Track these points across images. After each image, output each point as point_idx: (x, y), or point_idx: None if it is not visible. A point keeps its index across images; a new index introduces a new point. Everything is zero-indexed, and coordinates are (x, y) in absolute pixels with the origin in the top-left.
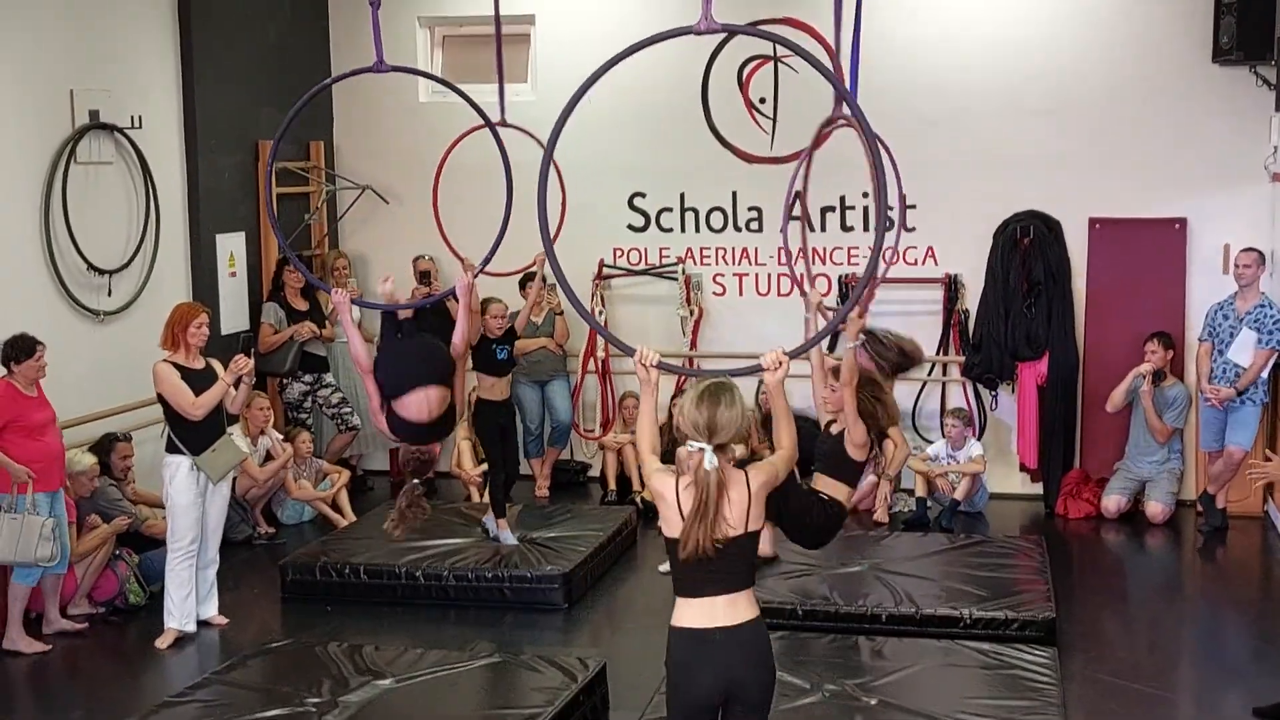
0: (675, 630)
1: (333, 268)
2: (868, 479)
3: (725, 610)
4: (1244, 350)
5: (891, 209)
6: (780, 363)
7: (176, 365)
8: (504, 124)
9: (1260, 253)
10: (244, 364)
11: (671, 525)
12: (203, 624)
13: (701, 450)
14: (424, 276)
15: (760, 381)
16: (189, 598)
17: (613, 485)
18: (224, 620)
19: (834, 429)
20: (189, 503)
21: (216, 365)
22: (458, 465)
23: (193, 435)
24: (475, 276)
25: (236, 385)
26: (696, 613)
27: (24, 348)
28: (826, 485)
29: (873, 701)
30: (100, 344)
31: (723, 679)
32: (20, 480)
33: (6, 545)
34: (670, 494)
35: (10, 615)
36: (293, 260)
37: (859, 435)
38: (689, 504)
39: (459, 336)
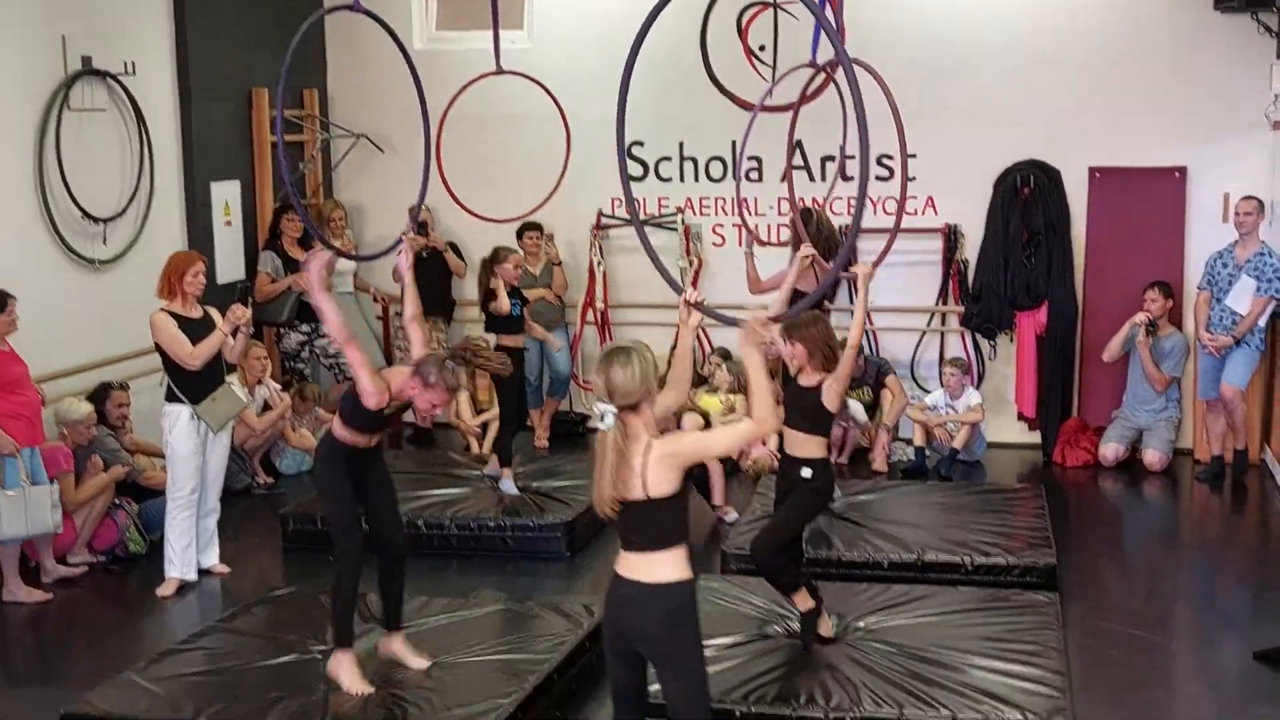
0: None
1: (329, 219)
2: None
3: (633, 564)
4: (1242, 297)
5: (890, 158)
6: (757, 330)
7: (174, 314)
8: (501, 71)
9: (1260, 201)
10: (241, 313)
11: None
12: (204, 573)
13: (604, 413)
14: (421, 227)
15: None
16: (190, 547)
17: None
18: (225, 569)
19: (803, 381)
20: (189, 452)
21: (215, 314)
22: (456, 416)
23: (192, 385)
24: (412, 245)
25: (234, 335)
26: (620, 560)
27: None
28: (802, 445)
29: (877, 647)
30: (96, 292)
31: (618, 627)
32: (7, 451)
33: (17, 522)
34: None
35: (5, 570)
36: (296, 207)
37: (840, 393)
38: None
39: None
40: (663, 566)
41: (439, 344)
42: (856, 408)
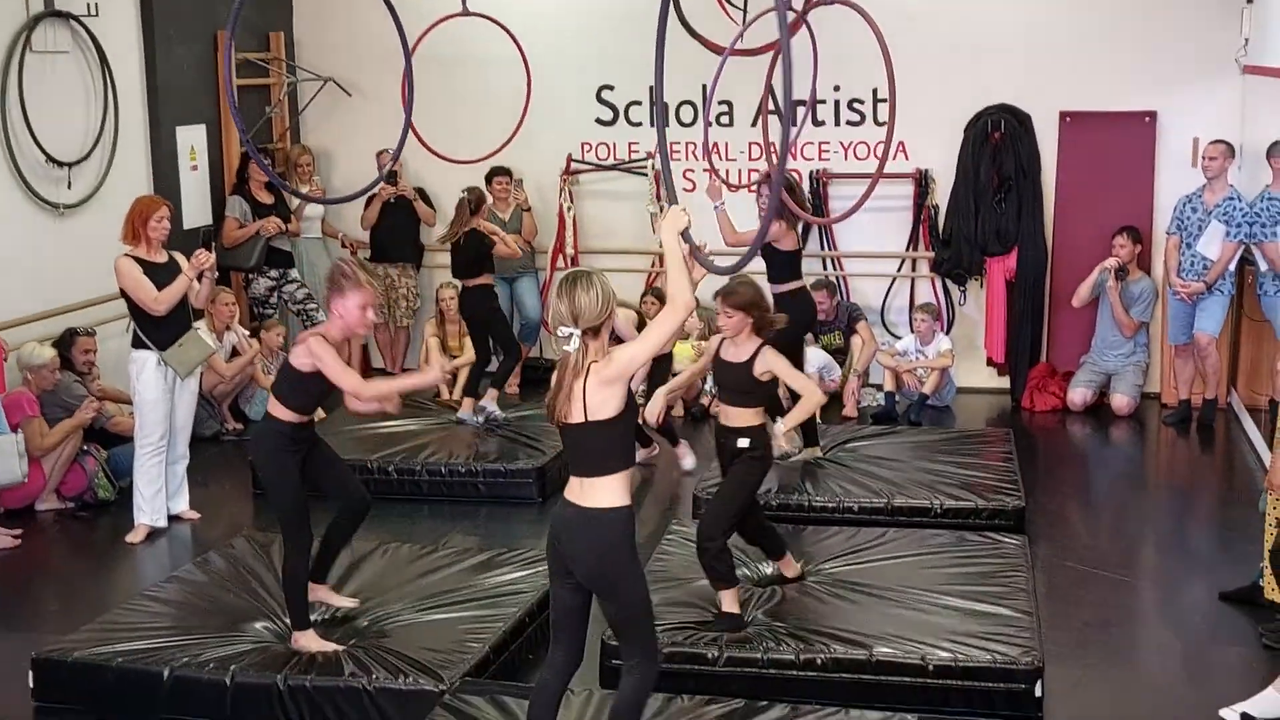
0: None
1: (296, 163)
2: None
3: (574, 488)
4: (1212, 243)
5: (861, 102)
6: (677, 214)
7: (138, 260)
8: (467, 13)
9: (1228, 144)
10: (205, 258)
11: None
12: (174, 519)
13: (569, 335)
14: (391, 176)
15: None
16: (159, 494)
17: None
18: (195, 515)
19: (730, 356)
20: (156, 398)
21: (180, 259)
22: (425, 362)
23: (158, 331)
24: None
25: (199, 280)
26: (568, 483)
27: None
28: (737, 417)
29: (846, 590)
30: (61, 237)
31: (555, 549)
32: None
33: None
34: None
35: None
36: (255, 158)
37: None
38: None
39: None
40: (600, 492)
41: (409, 290)
42: (820, 358)
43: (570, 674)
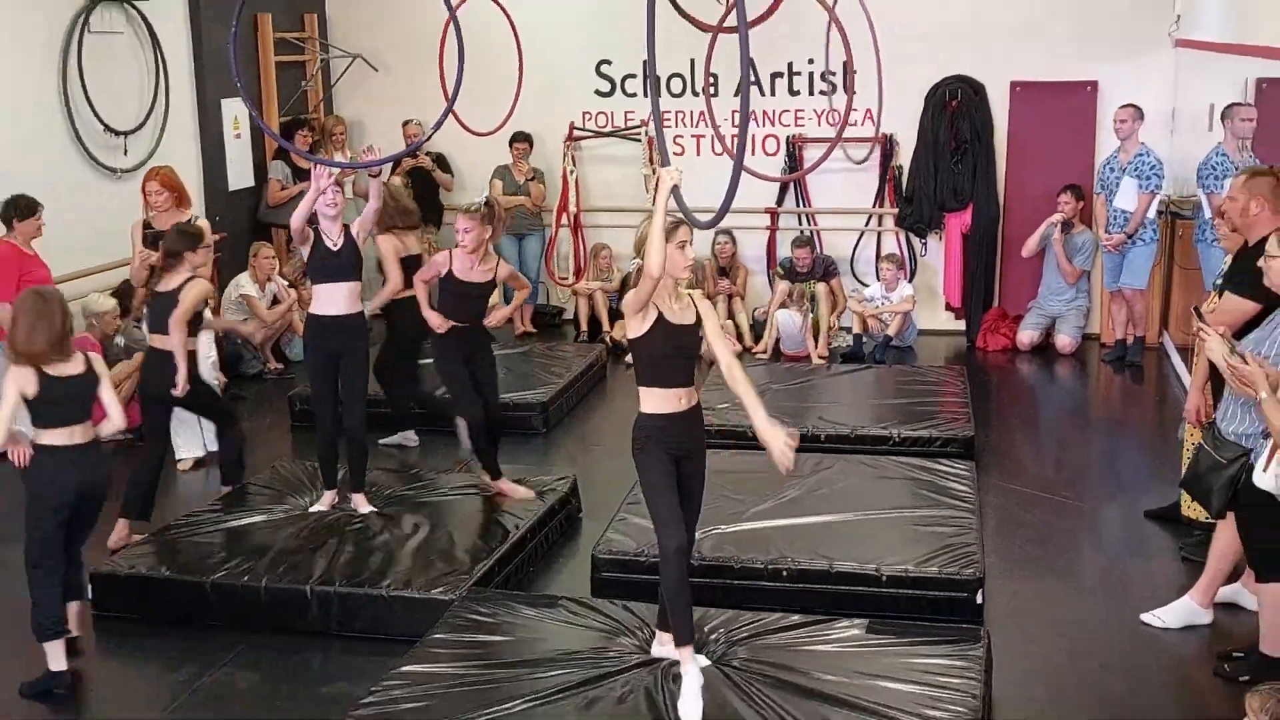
0: None
1: (331, 132)
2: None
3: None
4: (1128, 196)
5: (833, 73)
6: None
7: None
8: None
9: (1136, 107)
10: (148, 255)
11: None
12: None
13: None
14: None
15: (715, 234)
16: (194, 427)
17: (584, 327)
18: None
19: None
20: None
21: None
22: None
23: None
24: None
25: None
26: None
27: (25, 207)
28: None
29: (813, 509)
30: (119, 198)
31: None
32: None
33: None
34: None
35: None
36: (264, 128)
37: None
38: None
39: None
40: (642, 399)
41: (430, 246)
42: (787, 320)
43: None
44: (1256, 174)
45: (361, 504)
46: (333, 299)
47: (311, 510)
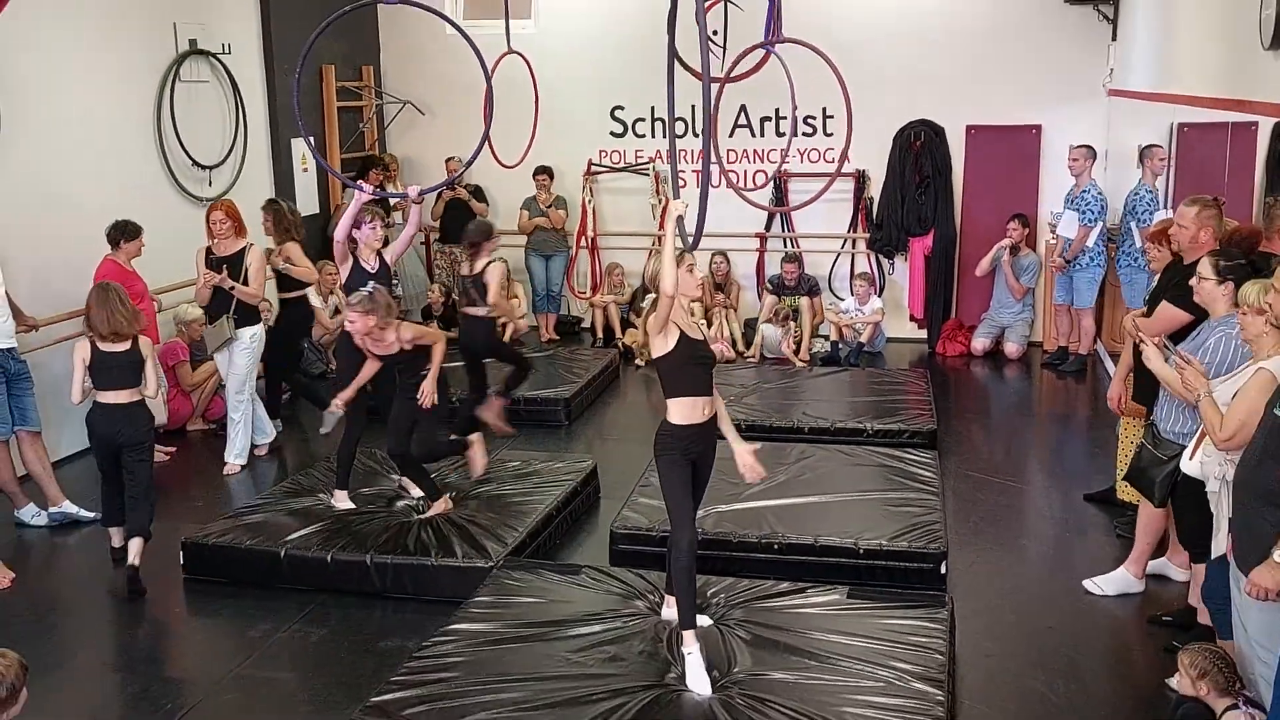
0: None
1: (386, 167)
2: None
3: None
4: (1068, 227)
5: (814, 118)
6: (677, 206)
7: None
8: (511, 51)
9: (1088, 147)
10: (211, 277)
11: None
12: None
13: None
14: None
15: (712, 255)
16: (248, 425)
17: (600, 334)
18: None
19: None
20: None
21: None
22: None
23: (209, 307)
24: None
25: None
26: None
27: (131, 230)
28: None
29: (797, 490)
30: (203, 224)
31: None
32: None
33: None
34: None
35: None
36: (319, 160)
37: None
38: None
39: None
40: (670, 410)
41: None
42: (770, 334)
43: None
44: (1205, 206)
45: (440, 505)
46: None
47: (336, 508)
